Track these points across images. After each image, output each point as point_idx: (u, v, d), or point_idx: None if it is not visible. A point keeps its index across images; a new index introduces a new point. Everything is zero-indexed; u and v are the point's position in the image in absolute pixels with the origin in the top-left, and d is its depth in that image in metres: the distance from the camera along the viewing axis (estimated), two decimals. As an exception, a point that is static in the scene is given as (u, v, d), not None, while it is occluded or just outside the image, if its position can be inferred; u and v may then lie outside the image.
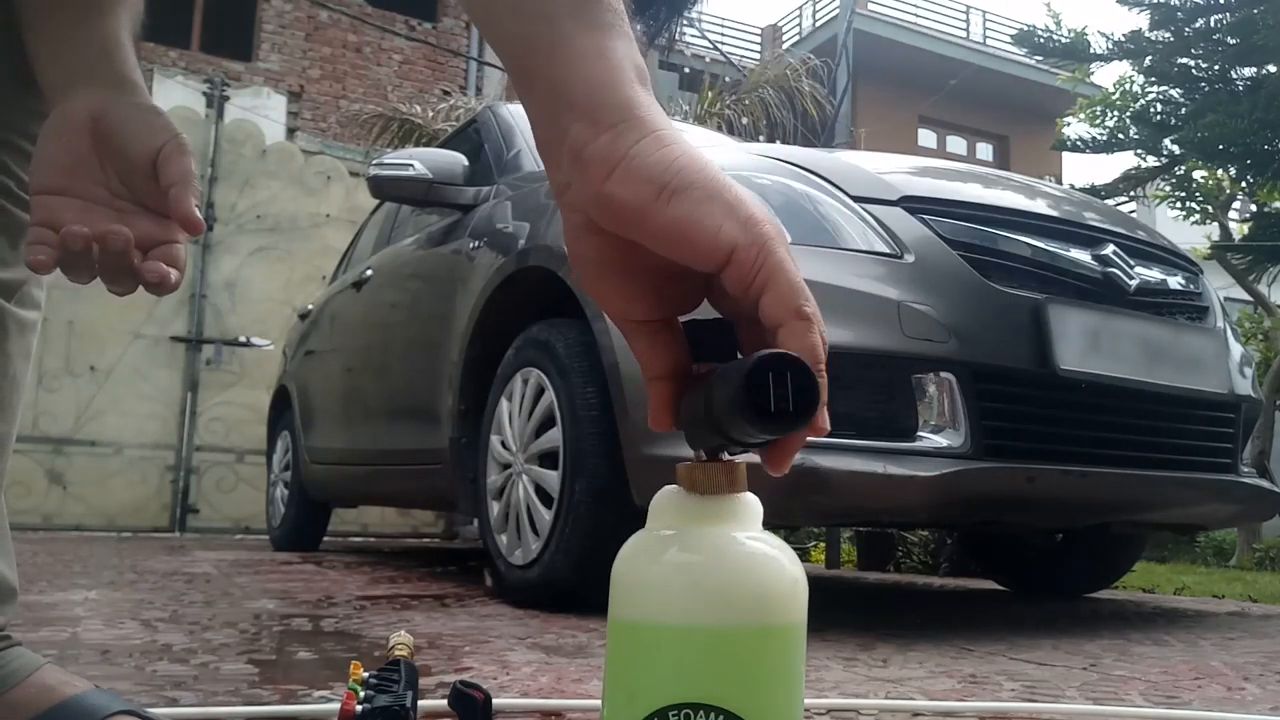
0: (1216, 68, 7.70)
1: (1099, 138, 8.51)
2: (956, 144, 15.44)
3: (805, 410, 0.42)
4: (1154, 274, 2.33)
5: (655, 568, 0.49)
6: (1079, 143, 8.50)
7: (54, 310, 5.67)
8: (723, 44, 12.73)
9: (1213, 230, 9.64)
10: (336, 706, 0.98)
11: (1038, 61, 12.16)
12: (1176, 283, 2.38)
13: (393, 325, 3.49)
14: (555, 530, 2.20)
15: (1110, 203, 6.93)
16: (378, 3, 10.35)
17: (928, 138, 15.01)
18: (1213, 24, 7.45)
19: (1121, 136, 8.38)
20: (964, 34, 15.39)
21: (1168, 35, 7.72)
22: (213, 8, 10.50)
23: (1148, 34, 7.84)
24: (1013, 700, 1.34)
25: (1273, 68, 7.41)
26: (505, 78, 9.87)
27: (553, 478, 2.24)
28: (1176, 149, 8.02)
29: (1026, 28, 8.72)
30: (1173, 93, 8.12)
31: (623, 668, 0.49)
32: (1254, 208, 8.59)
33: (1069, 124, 9.80)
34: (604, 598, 0.51)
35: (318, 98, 10.28)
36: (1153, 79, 8.15)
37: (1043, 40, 8.52)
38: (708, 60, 10.60)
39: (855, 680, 1.46)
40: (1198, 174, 8.81)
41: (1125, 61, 8.40)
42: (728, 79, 8.97)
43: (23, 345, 0.87)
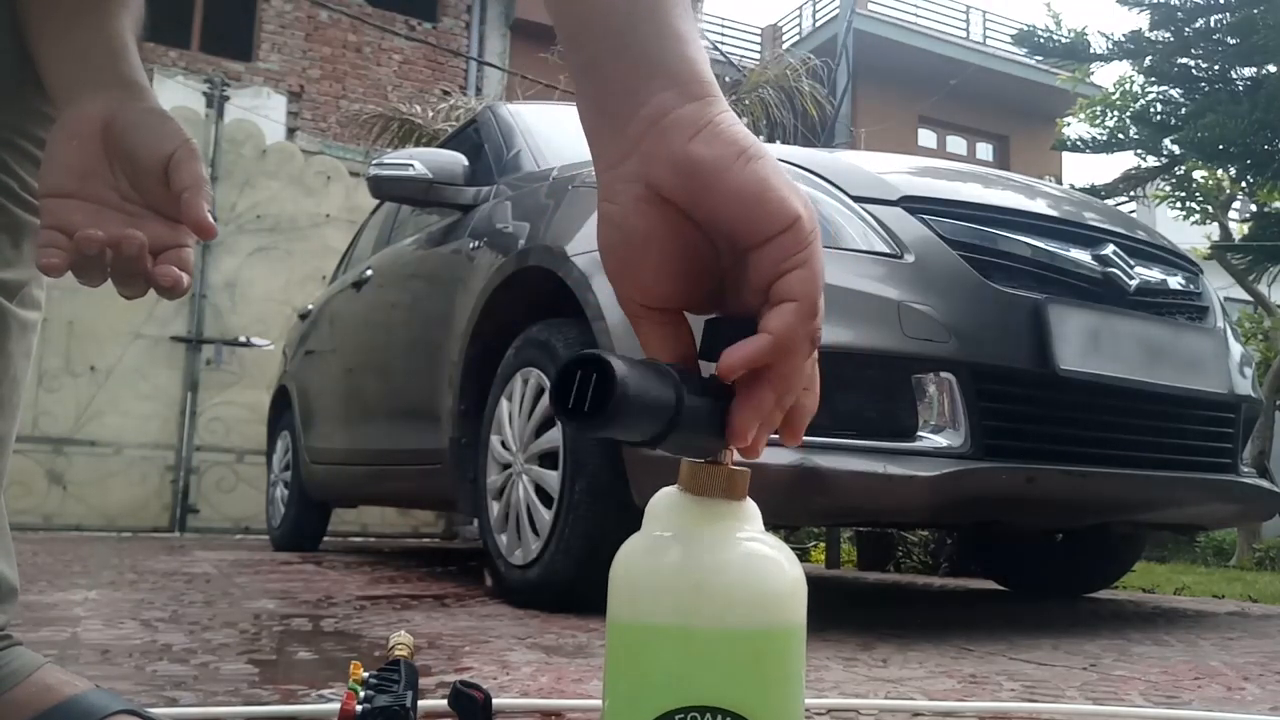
0: (1216, 68, 7.69)
1: (1099, 138, 8.50)
2: (956, 144, 15.43)
3: (598, 409, 0.44)
4: (1154, 274, 2.33)
5: (656, 569, 0.49)
6: (1079, 143, 8.50)
7: (54, 310, 5.67)
8: (723, 44, 12.72)
9: (1213, 230, 9.64)
10: (336, 706, 0.98)
11: (1038, 61, 12.14)
12: (1176, 283, 2.38)
13: (393, 325, 3.49)
14: (555, 530, 2.20)
15: (1110, 203, 6.93)
16: (378, 3, 10.35)
17: (928, 138, 15.00)
18: (1213, 24, 7.45)
19: (1121, 136, 8.38)
20: (964, 34, 15.37)
21: (1168, 35, 7.72)
22: (213, 8, 10.50)
23: (1148, 34, 7.84)
24: (1013, 700, 1.34)
25: (1273, 68, 7.41)
26: (505, 78, 9.86)
27: (553, 478, 2.24)
28: (1176, 149, 8.01)
29: (1026, 28, 8.71)
30: (1173, 93, 8.11)
31: (624, 669, 0.49)
32: (1254, 208, 8.58)
33: (1069, 124, 9.79)
34: (604, 598, 0.51)
35: (318, 98, 10.28)
36: (1153, 79, 8.15)
37: (1043, 40, 8.52)
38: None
39: (855, 680, 1.46)
40: (1198, 174, 8.81)
41: (1125, 61, 8.39)
42: (728, 79, 8.96)
43: (24, 345, 0.87)
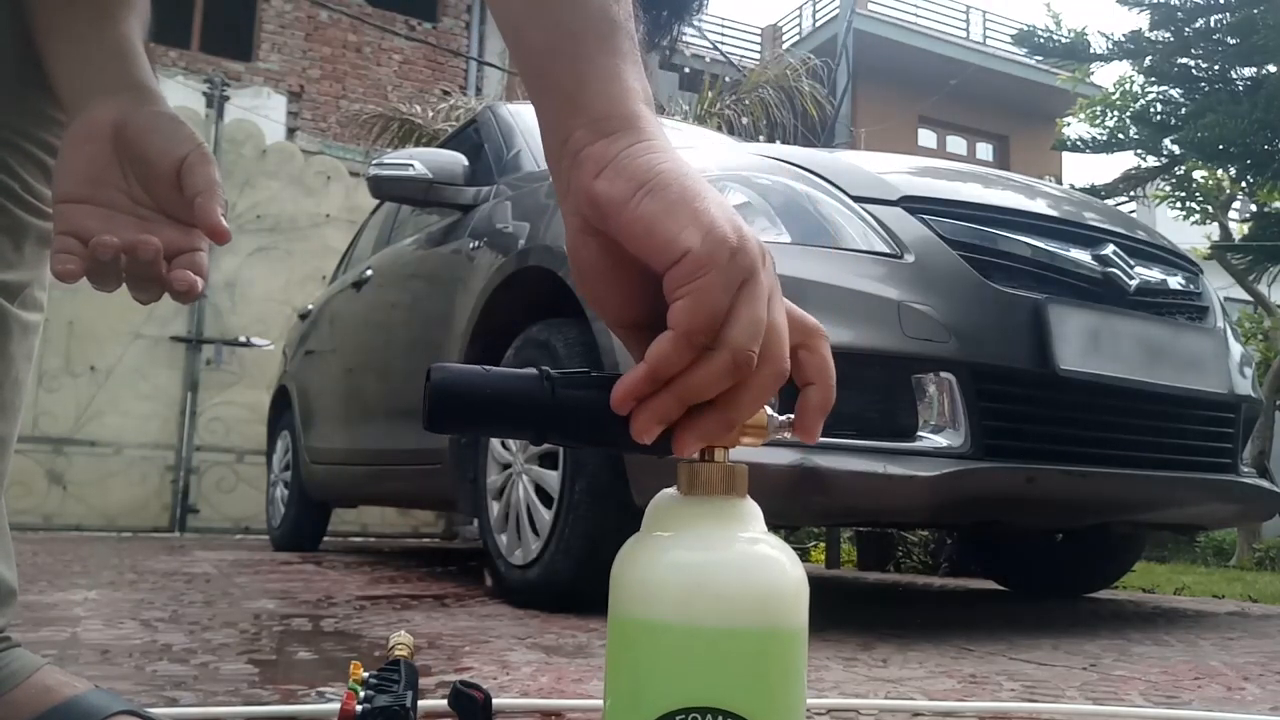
0: (1216, 68, 7.69)
1: (1099, 138, 8.50)
2: (956, 144, 15.43)
3: (432, 420, 0.50)
4: (1154, 274, 2.33)
5: (657, 569, 0.49)
6: (1079, 143, 8.50)
7: (54, 310, 5.66)
8: (723, 44, 12.72)
9: (1213, 230, 9.63)
10: (336, 706, 0.98)
11: (1038, 61, 12.15)
12: (1176, 283, 2.38)
13: (393, 325, 3.49)
14: (555, 530, 2.20)
15: (1110, 203, 6.92)
16: (378, 3, 10.35)
17: (928, 138, 15.00)
18: (1213, 24, 7.44)
19: (1121, 136, 8.37)
20: (964, 34, 15.37)
21: (1168, 35, 7.72)
22: (213, 8, 10.50)
23: (1148, 34, 7.83)
24: (1013, 700, 1.34)
25: (1273, 68, 7.41)
26: (505, 78, 9.87)
27: (553, 478, 2.24)
28: (1176, 149, 8.01)
29: (1026, 28, 8.71)
30: (1173, 93, 8.11)
31: (625, 669, 0.49)
32: (1254, 208, 8.58)
33: (1069, 124, 9.79)
34: (604, 598, 0.51)
35: (318, 98, 10.28)
36: (1153, 79, 8.14)
37: (1043, 40, 8.52)
38: (708, 60, 10.60)
39: (855, 680, 1.46)
40: (1198, 174, 8.80)
41: (1125, 61, 8.39)
42: (728, 79, 8.96)
43: (25, 347, 0.87)
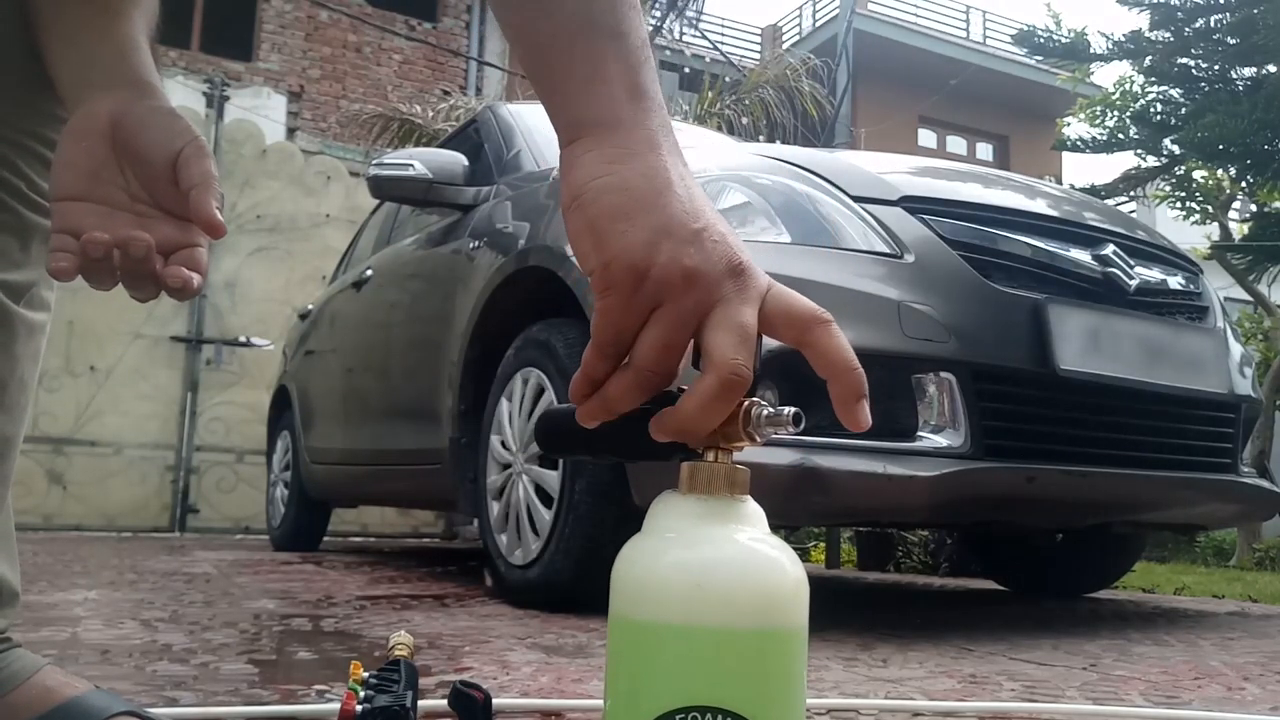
0: (1216, 68, 7.69)
1: (1099, 138, 8.51)
2: (956, 144, 15.43)
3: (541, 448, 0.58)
4: (1154, 274, 2.33)
5: (658, 569, 0.49)
6: (1079, 143, 8.50)
7: (54, 310, 5.63)
8: (723, 44, 12.72)
9: (1213, 230, 9.63)
10: (336, 706, 0.98)
11: (1038, 61, 12.15)
12: (1176, 283, 2.38)
13: (393, 325, 3.49)
14: (555, 530, 2.20)
15: (1110, 203, 6.92)
16: (378, 3, 10.35)
17: (928, 138, 14.99)
18: (1213, 24, 7.45)
19: (1121, 136, 8.38)
20: (964, 34, 15.37)
21: (1168, 35, 7.72)
22: (213, 8, 10.49)
23: (1148, 34, 7.84)
24: (1013, 700, 1.34)
25: (1273, 68, 7.41)
26: (505, 78, 9.88)
27: (553, 478, 2.24)
28: (1176, 149, 8.01)
29: (1026, 28, 8.71)
30: (1173, 93, 8.11)
31: (626, 669, 0.49)
32: (1254, 208, 8.58)
33: (1069, 124, 9.80)
34: (604, 598, 0.51)
35: (318, 98, 10.28)
36: (1153, 79, 8.15)
37: (1043, 40, 8.52)
38: (708, 60, 10.60)
39: (855, 680, 1.46)
40: (1198, 174, 8.80)
41: (1125, 61, 8.40)
42: (728, 79, 8.95)
43: (31, 347, 0.87)
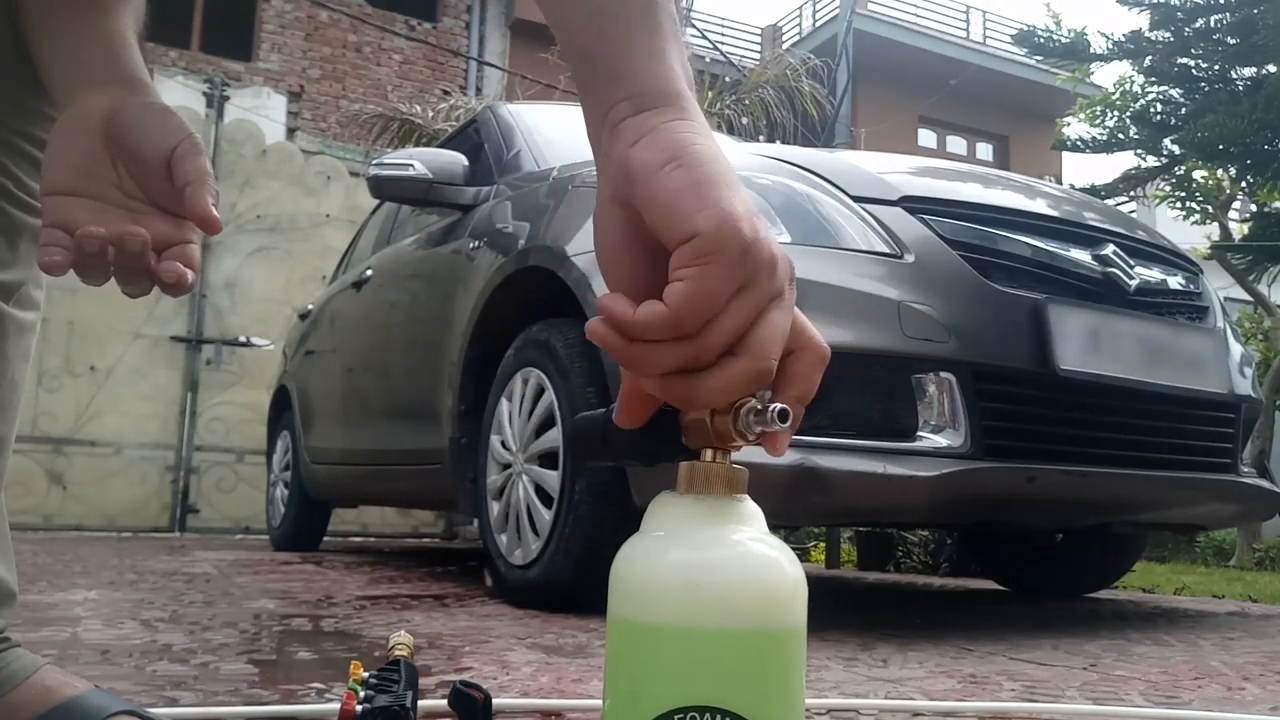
0: (1216, 68, 7.69)
1: (1099, 138, 8.50)
2: (956, 144, 15.42)
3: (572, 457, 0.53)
4: (1154, 274, 2.33)
5: (657, 569, 0.49)
6: (1079, 143, 8.50)
7: (54, 310, 5.67)
8: (723, 44, 12.71)
9: (1213, 230, 9.63)
10: (336, 706, 0.98)
11: (1038, 61, 12.14)
12: (1176, 283, 2.38)
13: (393, 325, 3.49)
14: (555, 530, 2.20)
15: (1110, 203, 6.92)
16: (378, 3, 10.35)
17: (928, 138, 14.99)
18: (1213, 24, 7.44)
19: (1121, 136, 8.38)
20: (964, 34, 15.36)
21: (1168, 35, 7.72)
22: (213, 8, 10.50)
23: (1148, 34, 7.83)
24: (1013, 700, 1.34)
25: (1273, 68, 7.41)
26: (505, 78, 9.87)
27: (553, 478, 2.24)
28: (1176, 149, 8.01)
29: (1026, 28, 8.71)
30: (1173, 93, 8.11)
31: (624, 669, 0.49)
32: (1254, 208, 8.58)
33: (1069, 124, 9.79)
34: (604, 598, 0.51)
35: (318, 98, 10.28)
36: (1153, 79, 8.14)
37: (1043, 40, 8.52)
38: (708, 60, 10.59)
39: (855, 680, 1.46)
40: (1198, 174, 8.80)
41: (1125, 61, 8.39)
42: (728, 79, 8.95)
43: (21, 347, 0.87)
